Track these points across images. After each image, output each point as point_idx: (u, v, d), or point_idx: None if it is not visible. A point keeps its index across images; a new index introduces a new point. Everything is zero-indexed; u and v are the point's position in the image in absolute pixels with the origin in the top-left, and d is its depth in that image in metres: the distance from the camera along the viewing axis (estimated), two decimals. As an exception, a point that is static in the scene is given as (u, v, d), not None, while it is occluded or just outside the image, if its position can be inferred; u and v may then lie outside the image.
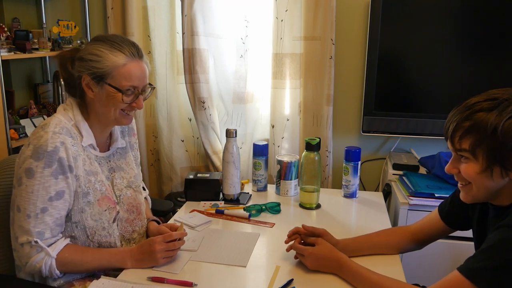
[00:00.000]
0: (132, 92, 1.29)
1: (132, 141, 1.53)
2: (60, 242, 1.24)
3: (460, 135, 1.06)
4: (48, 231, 1.21)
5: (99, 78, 1.26)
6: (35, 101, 2.56)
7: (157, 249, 1.27)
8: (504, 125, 1.00)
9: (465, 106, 1.07)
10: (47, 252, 1.20)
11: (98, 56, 1.25)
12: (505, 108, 1.01)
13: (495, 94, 1.05)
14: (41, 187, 1.20)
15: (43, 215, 1.20)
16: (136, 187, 1.46)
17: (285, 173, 1.84)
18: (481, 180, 1.06)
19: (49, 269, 1.22)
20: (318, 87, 2.32)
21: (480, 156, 1.04)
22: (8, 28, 2.33)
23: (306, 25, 2.28)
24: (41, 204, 1.20)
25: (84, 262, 1.27)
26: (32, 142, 1.22)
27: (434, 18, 2.16)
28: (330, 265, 1.27)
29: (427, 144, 2.33)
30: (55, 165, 1.20)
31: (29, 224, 1.20)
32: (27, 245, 1.20)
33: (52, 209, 1.21)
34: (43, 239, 1.21)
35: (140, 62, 1.30)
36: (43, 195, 1.20)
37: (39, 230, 1.20)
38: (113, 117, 1.31)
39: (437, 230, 1.35)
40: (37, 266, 1.21)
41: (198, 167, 2.59)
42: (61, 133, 1.23)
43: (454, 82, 2.18)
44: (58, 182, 1.22)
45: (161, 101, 2.50)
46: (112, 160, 1.41)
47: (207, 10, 2.32)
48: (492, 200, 1.12)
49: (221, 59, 2.40)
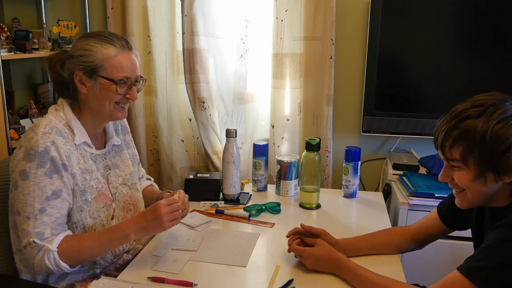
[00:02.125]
0: (125, 83, 1.30)
1: (127, 139, 1.53)
2: (59, 236, 1.23)
3: (450, 145, 1.05)
4: (48, 230, 1.21)
5: (91, 72, 1.26)
6: (35, 101, 2.56)
7: (162, 212, 1.23)
8: (493, 130, 1.00)
9: (452, 114, 1.06)
10: (47, 248, 1.19)
11: (88, 51, 1.26)
12: (492, 114, 1.01)
13: (481, 100, 1.04)
14: (36, 187, 1.20)
15: (42, 216, 1.20)
16: (132, 185, 1.46)
17: (285, 173, 1.84)
18: (475, 187, 1.06)
19: (54, 263, 1.20)
20: (318, 87, 2.32)
21: (472, 164, 1.04)
22: (8, 28, 2.33)
23: (306, 25, 2.28)
24: (38, 205, 1.20)
25: (84, 247, 1.24)
26: (23, 144, 1.23)
27: (434, 18, 2.16)
28: (328, 266, 1.27)
29: (427, 144, 2.32)
30: (48, 165, 1.20)
31: (28, 226, 1.19)
32: (29, 247, 1.20)
33: (50, 208, 1.21)
34: (43, 238, 1.20)
35: (130, 54, 1.31)
36: (39, 195, 1.20)
37: (38, 231, 1.20)
38: (108, 111, 1.31)
39: (436, 230, 1.35)
40: (42, 263, 1.20)
41: (198, 167, 2.59)
42: (50, 133, 1.23)
43: (454, 82, 2.18)
44: (53, 182, 1.21)
45: (161, 101, 2.49)
46: (108, 158, 1.41)
47: (207, 10, 2.32)
48: (488, 204, 1.13)
49: (221, 59, 2.40)
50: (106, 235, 1.26)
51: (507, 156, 1.00)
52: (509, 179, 1.03)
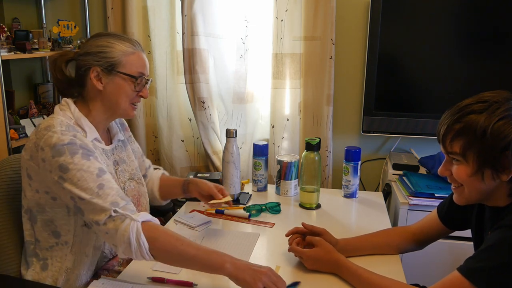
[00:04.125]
0: (141, 80, 1.33)
1: (127, 135, 1.54)
2: (143, 213, 1.18)
3: (451, 138, 1.06)
4: (118, 199, 1.18)
5: (110, 68, 1.28)
6: (35, 101, 2.56)
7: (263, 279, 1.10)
8: (494, 127, 1.00)
9: (456, 108, 1.07)
10: (131, 217, 1.15)
11: (107, 47, 1.28)
12: (495, 111, 1.01)
13: (486, 96, 1.05)
14: (82, 172, 1.17)
15: (103, 190, 1.17)
16: (138, 179, 1.47)
17: (285, 173, 1.84)
18: (472, 183, 1.07)
19: (135, 235, 1.13)
20: (318, 87, 2.32)
21: (471, 159, 1.04)
22: (8, 28, 2.33)
23: (306, 25, 2.28)
24: (94, 184, 1.17)
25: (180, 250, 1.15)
26: (43, 144, 1.19)
27: (434, 18, 2.16)
28: (328, 266, 1.27)
29: (427, 144, 2.33)
30: (80, 151, 1.19)
31: (97, 203, 1.16)
32: (109, 220, 1.15)
33: (106, 182, 1.19)
34: (119, 206, 1.17)
35: (144, 54, 1.36)
36: (89, 176, 1.17)
37: (111, 201, 1.16)
38: (122, 108, 1.32)
39: (437, 231, 1.35)
40: (126, 234, 1.13)
41: (198, 167, 2.59)
42: (68, 130, 1.22)
43: (454, 82, 2.18)
44: (92, 162, 1.20)
45: (161, 101, 2.50)
46: (115, 153, 1.42)
47: (207, 10, 2.32)
48: (485, 202, 1.13)
49: (221, 59, 2.40)
50: (205, 252, 1.16)
51: (506, 154, 1.00)
52: (507, 177, 1.03)
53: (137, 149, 1.57)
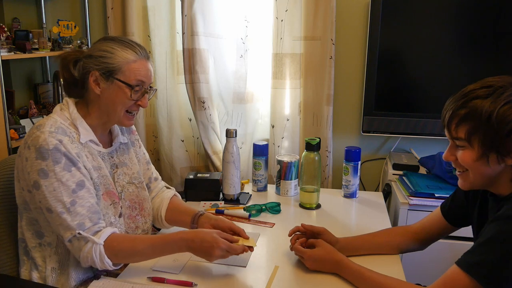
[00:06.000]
0: (140, 89, 1.32)
1: (133, 138, 1.53)
2: (106, 230, 1.23)
3: (456, 123, 1.07)
4: (86, 220, 1.21)
5: (108, 74, 1.28)
6: (35, 101, 2.56)
7: (217, 253, 1.21)
8: (499, 111, 1.01)
9: (461, 94, 1.08)
10: (93, 240, 1.20)
11: (109, 53, 1.29)
12: (500, 95, 1.02)
13: (490, 81, 1.06)
14: (59, 183, 1.20)
15: (75, 208, 1.20)
16: (139, 183, 1.46)
17: (285, 173, 1.84)
18: (477, 167, 1.07)
19: (99, 257, 1.20)
20: (318, 87, 2.32)
21: (476, 143, 1.05)
22: (8, 28, 2.33)
23: (306, 25, 2.28)
24: (68, 198, 1.20)
25: (137, 251, 1.25)
26: (30, 143, 1.22)
27: (434, 18, 2.16)
28: (329, 267, 1.27)
29: (427, 144, 2.33)
30: (63, 160, 1.21)
31: (66, 220, 1.19)
32: (74, 240, 1.20)
33: (79, 199, 1.21)
34: (85, 229, 1.20)
35: (148, 62, 1.34)
36: (65, 189, 1.20)
37: (78, 222, 1.20)
38: (117, 116, 1.33)
39: (439, 229, 1.35)
40: (88, 256, 1.20)
41: (198, 167, 2.59)
42: (57, 132, 1.23)
43: (454, 82, 2.17)
44: (73, 174, 1.22)
45: (161, 101, 2.49)
46: (115, 156, 1.42)
47: (207, 10, 2.32)
48: (490, 187, 1.13)
49: (221, 59, 2.40)
50: (160, 246, 1.26)
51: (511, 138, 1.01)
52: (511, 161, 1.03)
53: (143, 155, 1.56)
